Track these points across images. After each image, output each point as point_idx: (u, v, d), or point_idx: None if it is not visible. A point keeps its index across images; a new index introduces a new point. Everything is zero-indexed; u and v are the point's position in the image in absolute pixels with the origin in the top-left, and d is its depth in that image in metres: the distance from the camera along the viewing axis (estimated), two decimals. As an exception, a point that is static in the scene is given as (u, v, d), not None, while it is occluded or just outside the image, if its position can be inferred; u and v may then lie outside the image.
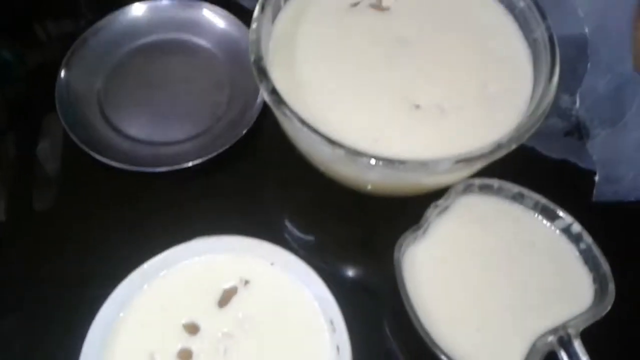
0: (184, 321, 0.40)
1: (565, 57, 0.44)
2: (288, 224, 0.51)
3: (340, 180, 0.47)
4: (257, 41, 0.43)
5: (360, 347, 0.39)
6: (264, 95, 0.41)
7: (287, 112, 0.40)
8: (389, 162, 0.39)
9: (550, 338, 0.40)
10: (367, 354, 0.41)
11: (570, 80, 0.54)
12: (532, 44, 0.47)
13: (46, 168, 0.54)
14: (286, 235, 0.50)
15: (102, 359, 0.38)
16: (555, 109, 0.55)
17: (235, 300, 0.41)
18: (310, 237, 0.51)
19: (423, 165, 0.39)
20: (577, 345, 0.39)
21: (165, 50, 0.59)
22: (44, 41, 0.62)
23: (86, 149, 0.51)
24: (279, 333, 0.40)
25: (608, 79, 0.54)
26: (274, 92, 0.41)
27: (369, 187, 0.46)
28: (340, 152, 0.39)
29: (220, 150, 0.51)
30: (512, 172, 0.46)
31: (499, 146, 0.40)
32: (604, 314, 0.41)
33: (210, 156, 0.51)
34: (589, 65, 0.53)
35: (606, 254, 0.43)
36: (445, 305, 0.43)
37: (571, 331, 0.40)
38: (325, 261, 0.48)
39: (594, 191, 0.51)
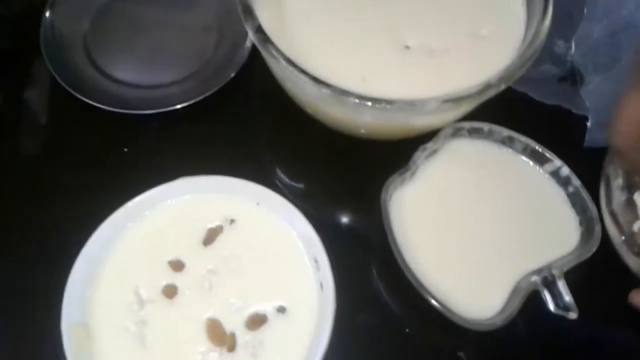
0: (169, 258, 0.40)
1: (561, 2, 0.43)
2: (277, 169, 0.51)
3: (329, 122, 0.46)
4: (244, -21, 0.42)
5: (344, 285, 0.40)
6: (249, 33, 0.41)
7: (273, 51, 0.39)
8: (375, 102, 0.38)
9: (534, 278, 0.40)
10: (351, 292, 0.41)
11: (566, 26, 0.53)
12: (526, -15, 0.46)
13: (33, 112, 0.54)
14: (276, 181, 0.50)
15: (87, 293, 0.39)
16: (550, 54, 0.54)
17: (220, 239, 0.41)
18: (299, 182, 0.51)
19: (410, 104, 0.38)
20: (561, 285, 0.40)
21: (152, -8, 0.58)
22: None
23: (73, 92, 0.50)
24: (264, 270, 0.40)
25: (604, 24, 0.53)
26: (259, 30, 0.40)
27: (358, 129, 0.45)
28: (326, 91, 0.38)
29: (208, 94, 0.50)
30: (505, 118, 0.46)
31: (487, 86, 0.39)
32: (589, 255, 0.41)
33: (197, 99, 0.50)
34: (585, 10, 0.52)
35: (594, 198, 0.43)
36: (431, 247, 0.43)
37: (555, 272, 0.40)
38: (314, 205, 0.48)
39: (586, 137, 0.50)
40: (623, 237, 0.43)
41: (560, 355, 0.44)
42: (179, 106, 0.50)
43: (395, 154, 0.45)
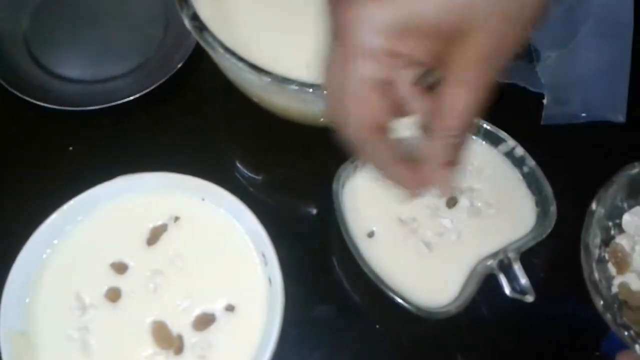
0: (111, 260, 0.39)
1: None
2: (236, 162, 0.50)
3: (278, 112, 0.45)
4: (180, -33, 0.40)
5: (301, 277, 0.39)
6: (185, 22, 0.39)
7: (210, 39, 0.38)
8: (317, 88, 0.37)
9: (490, 262, 0.39)
10: (308, 284, 0.40)
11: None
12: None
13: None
14: (235, 173, 0.49)
15: (26, 300, 0.37)
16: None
17: (165, 238, 0.39)
18: (259, 174, 0.49)
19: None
20: (517, 268, 0.39)
21: (94, -17, 0.55)
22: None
23: (14, 91, 0.48)
24: (211, 268, 0.39)
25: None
26: (194, 17, 0.39)
27: (310, 118, 0.44)
28: (266, 79, 0.37)
29: (155, 86, 0.49)
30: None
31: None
32: (544, 235, 0.40)
33: (144, 92, 0.48)
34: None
35: (549, 177, 0.42)
36: (386, 234, 0.42)
37: (511, 255, 0.39)
38: (274, 197, 0.48)
39: (543, 114, 0.49)
40: (605, 307, 0.39)
41: (523, 336, 0.43)
42: (125, 100, 0.48)
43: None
